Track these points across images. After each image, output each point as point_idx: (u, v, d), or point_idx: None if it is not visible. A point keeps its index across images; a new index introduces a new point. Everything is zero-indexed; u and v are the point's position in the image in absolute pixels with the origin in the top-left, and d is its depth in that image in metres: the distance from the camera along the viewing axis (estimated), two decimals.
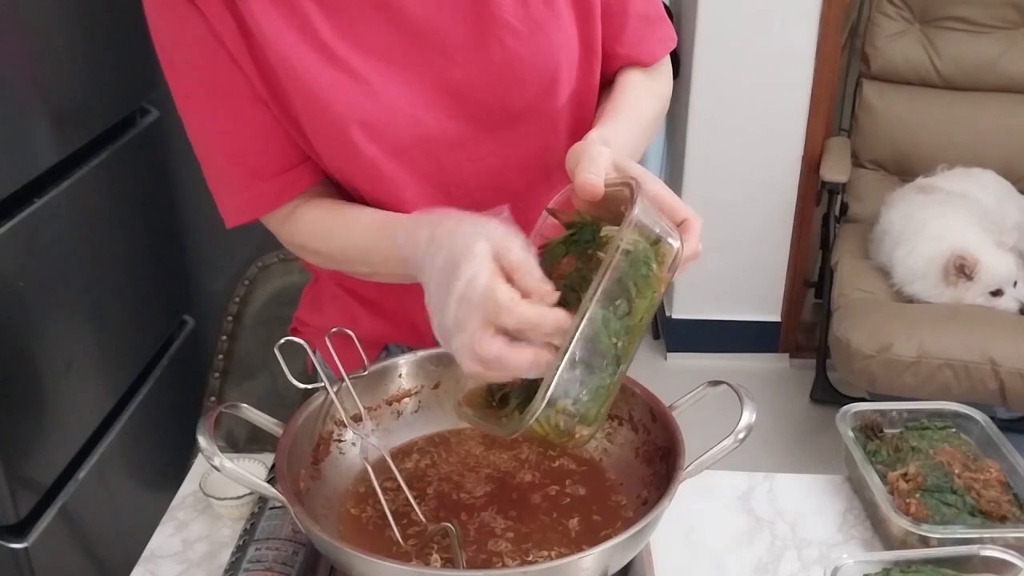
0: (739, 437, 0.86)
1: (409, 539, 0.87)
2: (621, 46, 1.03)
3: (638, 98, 1.02)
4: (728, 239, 3.06)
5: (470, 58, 0.94)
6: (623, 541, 0.78)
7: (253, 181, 0.98)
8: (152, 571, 1.07)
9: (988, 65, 2.84)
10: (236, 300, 1.61)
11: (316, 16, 0.91)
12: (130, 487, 1.91)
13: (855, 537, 1.11)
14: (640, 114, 1.01)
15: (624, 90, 1.03)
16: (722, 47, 2.85)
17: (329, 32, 0.91)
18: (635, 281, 0.76)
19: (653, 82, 1.06)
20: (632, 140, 0.97)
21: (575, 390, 0.76)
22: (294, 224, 1.01)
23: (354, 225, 0.98)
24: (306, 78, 0.91)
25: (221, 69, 0.93)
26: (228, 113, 0.95)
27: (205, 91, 0.95)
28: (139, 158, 1.93)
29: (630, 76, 1.04)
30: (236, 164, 0.98)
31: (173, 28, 0.93)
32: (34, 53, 1.61)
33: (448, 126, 0.96)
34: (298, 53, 0.91)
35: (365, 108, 0.93)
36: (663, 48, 1.07)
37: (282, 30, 0.90)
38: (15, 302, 1.55)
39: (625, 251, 0.75)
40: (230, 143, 0.97)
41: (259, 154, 0.97)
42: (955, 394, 2.33)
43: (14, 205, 1.55)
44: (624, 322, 0.76)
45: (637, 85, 1.04)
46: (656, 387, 0.96)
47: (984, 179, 2.73)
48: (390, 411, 1.01)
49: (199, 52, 0.92)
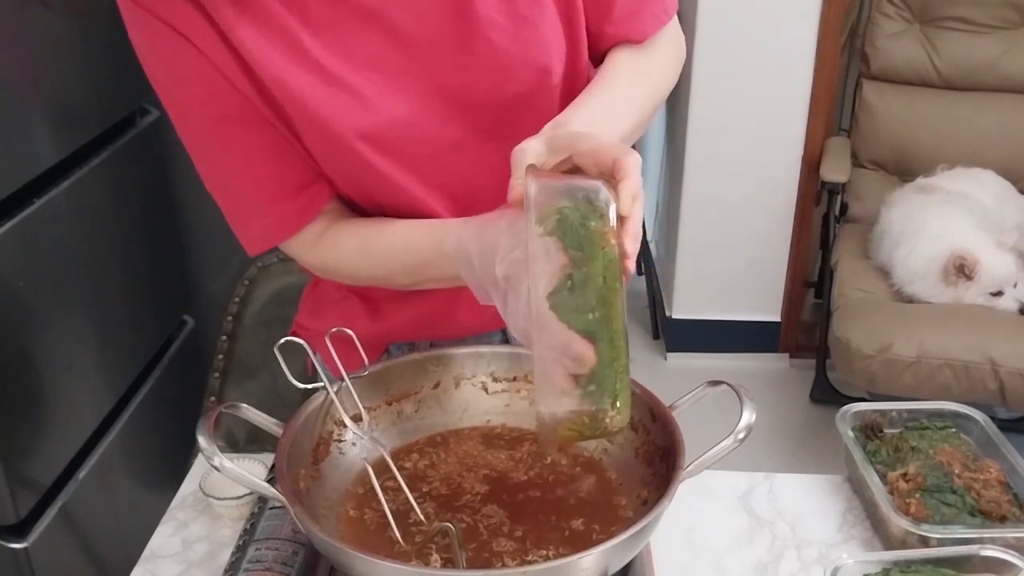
0: (739, 437, 0.86)
1: (409, 539, 0.87)
2: (610, 25, 1.00)
3: (617, 76, 0.99)
4: (728, 239, 3.06)
5: (460, 60, 0.93)
6: (623, 541, 0.78)
7: (274, 204, 0.98)
8: (152, 571, 1.07)
9: (988, 65, 2.84)
10: (236, 300, 1.61)
11: (303, 35, 0.91)
12: (130, 487, 1.91)
13: (855, 537, 1.11)
14: (618, 92, 0.98)
15: (603, 70, 1.00)
16: (722, 47, 2.85)
17: (319, 50, 0.91)
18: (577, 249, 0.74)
19: (644, 58, 1.02)
20: (602, 117, 0.93)
21: None
22: (324, 246, 1.01)
23: (394, 240, 0.98)
24: (303, 98, 0.91)
25: (222, 97, 0.93)
26: (237, 139, 0.95)
27: (211, 121, 0.95)
28: (139, 158, 1.93)
29: (614, 55, 1.01)
30: (254, 189, 0.98)
31: (168, 63, 0.93)
32: (34, 53, 1.61)
33: (448, 130, 0.96)
34: (291, 74, 0.91)
35: (364, 121, 0.93)
36: (655, 23, 1.02)
37: (272, 53, 0.90)
38: (15, 302, 1.55)
39: (543, 237, 0.73)
40: (244, 169, 0.97)
41: (275, 175, 0.97)
42: (955, 394, 2.33)
43: (14, 205, 1.55)
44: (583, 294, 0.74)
45: (619, 63, 1.00)
46: (656, 387, 0.96)
47: (984, 179, 2.73)
48: (390, 411, 1.01)
49: (198, 83, 0.92)
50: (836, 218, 2.89)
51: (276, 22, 0.90)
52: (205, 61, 0.91)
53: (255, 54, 0.90)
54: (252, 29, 0.90)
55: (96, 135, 1.80)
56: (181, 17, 0.90)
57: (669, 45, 1.05)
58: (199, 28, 0.90)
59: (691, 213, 3.06)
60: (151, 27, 0.91)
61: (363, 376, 0.98)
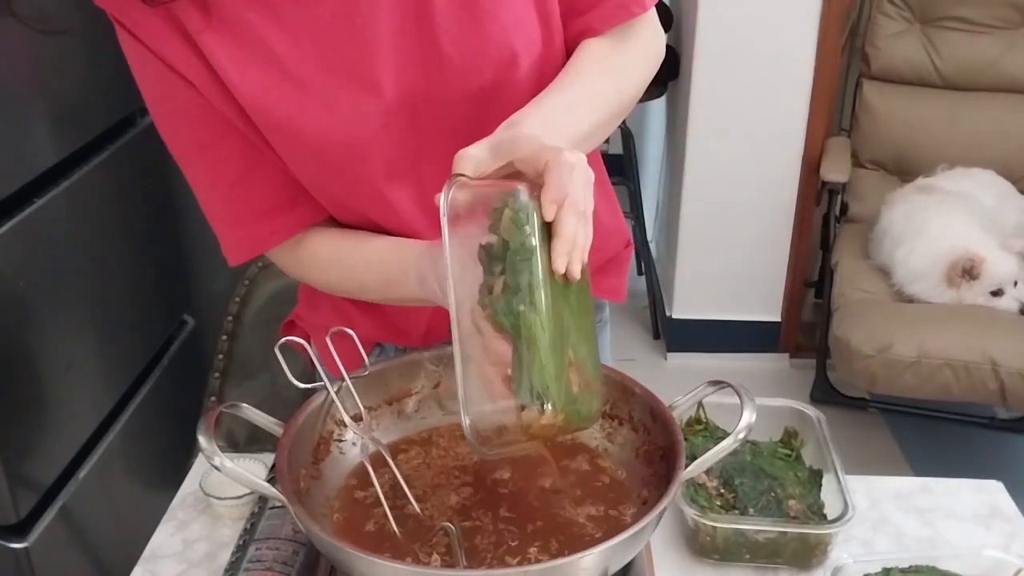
0: (739, 437, 0.86)
1: (409, 539, 0.87)
2: (577, 13, 0.98)
3: (581, 71, 0.96)
4: (728, 239, 3.06)
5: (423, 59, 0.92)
6: (623, 541, 0.78)
7: (243, 228, 1.00)
8: (152, 571, 1.07)
9: (988, 65, 2.84)
10: (236, 300, 1.61)
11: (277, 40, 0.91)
12: (130, 487, 1.91)
13: (855, 537, 1.11)
14: (579, 88, 0.94)
15: (568, 65, 0.97)
16: (722, 47, 2.85)
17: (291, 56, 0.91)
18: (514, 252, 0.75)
19: (612, 53, 0.98)
20: (560, 116, 0.90)
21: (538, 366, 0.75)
22: (302, 254, 1.02)
23: (367, 255, 0.99)
24: (278, 113, 0.91)
25: (198, 119, 0.94)
26: (211, 163, 0.97)
27: (188, 143, 0.97)
28: (139, 158, 1.93)
29: (581, 49, 0.98)
30: (227, 211, 1.00)
31: (154, 86, 0.95)
32: (34, 53, 1.61)
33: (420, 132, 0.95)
34: (259, 82, 0.91)
35: (338, 127, 0.92)
36: (621, 14, 0.97)
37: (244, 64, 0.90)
38: (15, 302, 1.55)
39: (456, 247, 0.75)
40: (216, 191, 0.99)
41: (246, 199, 0.99)
42: (955, 394, 2.33)
43: (14, 205, 1.55)
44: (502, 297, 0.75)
45: (584, 58, 0.97)
46: (656, 387, 0.96)
47: (984, 179, 2.73)
48: (390, 411, 1.01)
49: (176, 105, 0.94)
50: (836, 218, 2.89)
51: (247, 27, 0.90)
52: (184, 84, 0.92)
53: (228, 70, 0.90)
54: (224, 39, 0.90)
55: (96, 135, 1.80)
56: (154, 34, 0.91)
57: (642, 42, 1.01)
58: (173, 44, 0.91)
59: (691, 213, 3.06)
60: (135, 47, 0.93)
61: (363, 376, 0.98)
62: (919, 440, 2.82)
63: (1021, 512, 1.16)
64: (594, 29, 0.98)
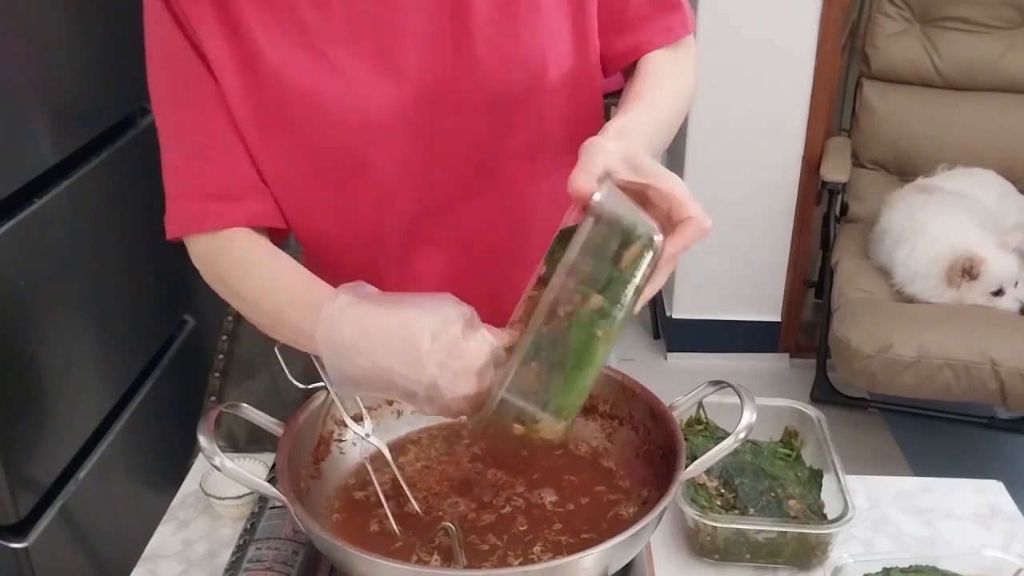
0: (739, 437, 0.86)
1: (409, 538, 0.87)
2: (627, 30, 0.99)
3: (662, 86, 0.98)
4: (728, 239, 3.06)
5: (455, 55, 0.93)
6: (623, 541, 0.78)
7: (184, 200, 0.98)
8: (152, 571, 1.07)
9: (988, 65, 2.84)
10: None
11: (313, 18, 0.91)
12: (130, 487, 1.91)
13: (855, 537, 1.11)
14: (665, 103, 0.97)
15: (652, 78, 0.98)
16: (722, 47, 2.85)
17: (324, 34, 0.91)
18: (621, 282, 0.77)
19: (673, 67, 1.01)
20: (658, 136, 0.93)
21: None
22: (214, 248, 0.98)
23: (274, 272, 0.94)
24: (301, 85, 0.91)
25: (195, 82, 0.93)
26: (191, 125, 0.96)
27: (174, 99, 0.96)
28: (139, 158, 1.93)
29: (652, 63, 1.00)
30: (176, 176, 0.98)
31: (158, 43, 0.94)
32: (34, 53, 1.61)
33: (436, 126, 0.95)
34: (294, 58, 0.91)
35: (359, 108, 0.93)
36: (679, 31, 1.01)
37: (273, 30, 0.91)
38: (15, 302, 1.55)
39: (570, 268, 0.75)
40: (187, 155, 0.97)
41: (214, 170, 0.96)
42: (955, 394, 2.33)
43: (14, 205, 1.55)
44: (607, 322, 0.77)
45: (659, 73, 0.99)
46: (656, 387, 0.96)
47: (984, 179, 2.73)
48: (390, 411, 1.01)
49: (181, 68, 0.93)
50: (836, 218, 2.89)
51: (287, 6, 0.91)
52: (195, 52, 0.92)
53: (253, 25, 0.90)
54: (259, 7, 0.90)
55: (96, 135, 1.80)
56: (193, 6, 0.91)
57: (692, 59, 1.05)
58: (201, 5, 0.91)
59: None
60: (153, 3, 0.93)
61: None
62: (919, 440, 2.82)
63: (1021, 512, 1.16)
64: (653, 43, 1.00)
